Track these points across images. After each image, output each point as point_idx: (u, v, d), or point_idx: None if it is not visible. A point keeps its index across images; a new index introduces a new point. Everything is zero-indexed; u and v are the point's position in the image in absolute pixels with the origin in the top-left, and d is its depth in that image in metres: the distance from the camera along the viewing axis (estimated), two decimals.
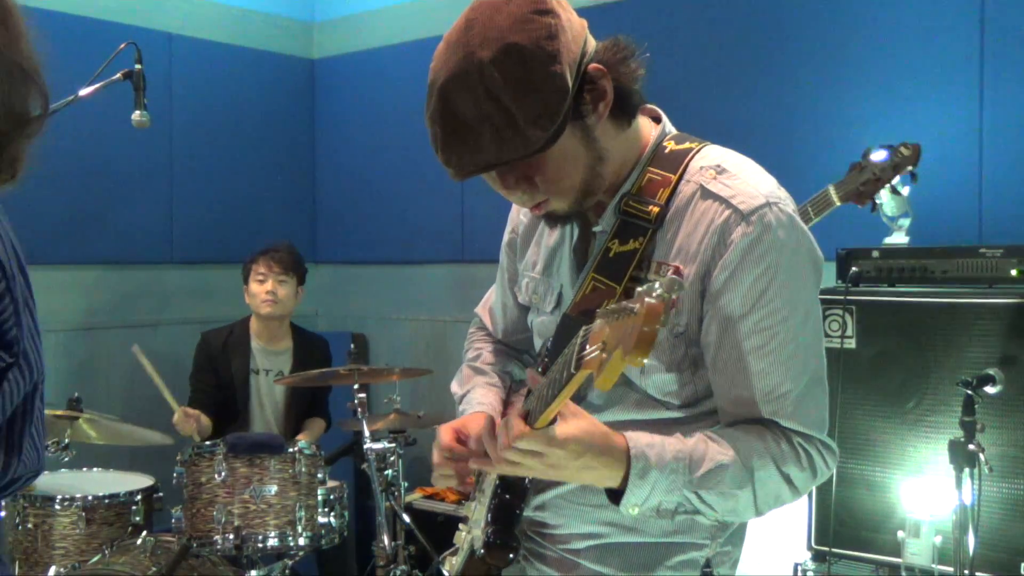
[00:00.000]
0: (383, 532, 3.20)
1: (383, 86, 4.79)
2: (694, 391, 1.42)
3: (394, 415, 3.56)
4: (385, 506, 3.26)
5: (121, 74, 3.05)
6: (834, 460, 1.41)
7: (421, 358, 4.61)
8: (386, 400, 3.65)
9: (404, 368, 3.54)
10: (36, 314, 1.11)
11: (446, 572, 1.59)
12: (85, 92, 2.95)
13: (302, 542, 3.05)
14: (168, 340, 4.44)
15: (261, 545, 3.00)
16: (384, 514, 3.24)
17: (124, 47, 3.03)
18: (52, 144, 1.09)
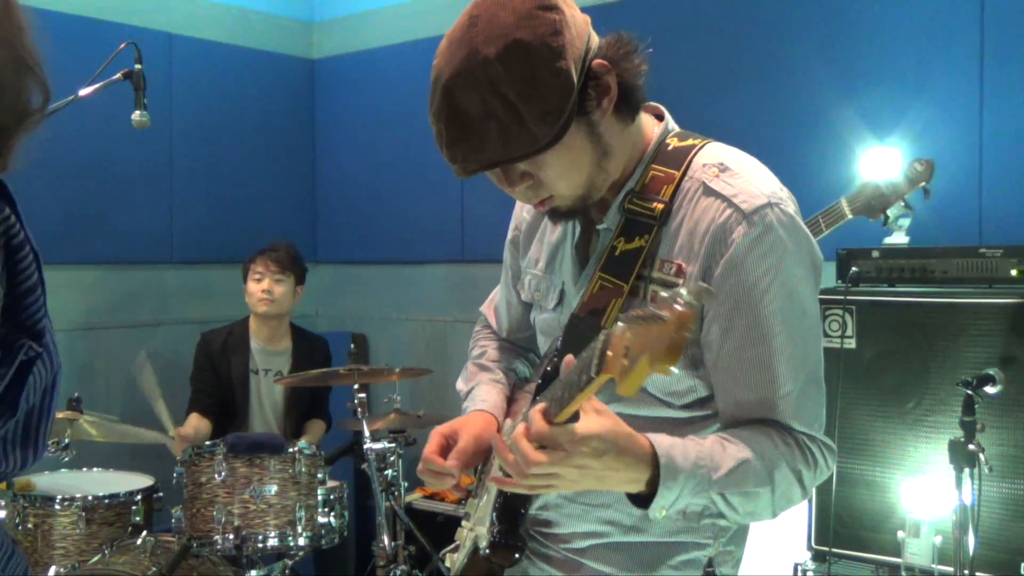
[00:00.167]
0: (383, 532, 3.20)
1: (383, 86, 4.79)
2: (695, 391, 1.41)
3: (394, 415, 3.56)
4: (385, 506, 3.25)
5: (121, 74, 3.05)
6: (834, 459, 1.42)
7: (421, 358, 4.61)
8: (386, 400, 3.65)
9: (404, 368, 3.54)
10: None
11: (448, 566, 1.59)
12: (85, 92, 2.94)
13: (302, 542, 3.05)
14: (168, 340, 4.44)
15: (261, 545, 3.00)
16: (384, 514, 3.23)
17: (124, 47, 3.02)
18: (52, 144, 1.09)
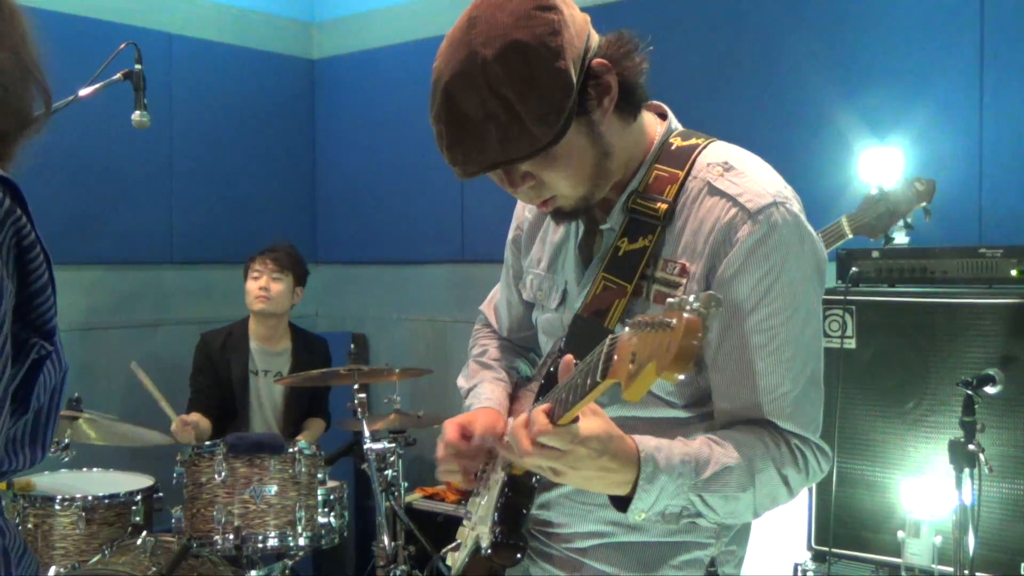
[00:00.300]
0: (383, 532, 3.20)
1: (383, 86, 4.79)
2: (697, 390, 1.41)
3: (394, 415, 3.56)
4: (385, 506, 3.26)
5: (121, 74, 3.04)
6: (827, 462, 1.41)
7: (421, 358, 4.61)
8: (386, 400, 3.65)
9: (404, 368, 3.54)
10: None
11: (449, 565, 1.59)
12: (85, 92, 2.94)
13: (302, 542, 3.05)
14: (168, 340, 4.44)
15: (261, 545, 3.00)
16: (384, 514, 3.24)
17: (124, 47, 3.02)
18: (52, 144, 1.09)
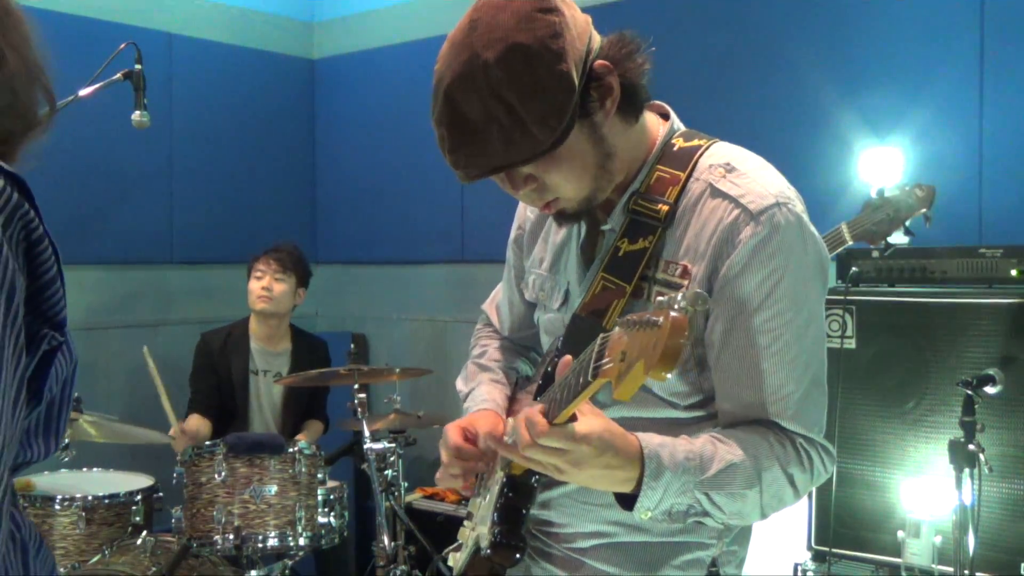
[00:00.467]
0: (383, 532, 3.20)
1: (383, 86, 4.79)
2: (699, 391, 1.41)
3: (394, 415, 3.56)
4: (385, 506, 3.26)
5: (121, 74, 3.05)
6: (832, 463, 1.41)
7: (421, 358, 4.61)
8: (386, 400, 3.65)
9: (404, 368, 3.54)
10: None
11: (451, 565, 1.59)
12: (85, 92, 2.94)
13: (302, 542, 3.05)
14: (168, 341, 4.44)
15: (261, 545, 3.00)
16: (384, 514, 3.24)
17: (124, 47, 3.02)
18: (52, 144, 1.10)
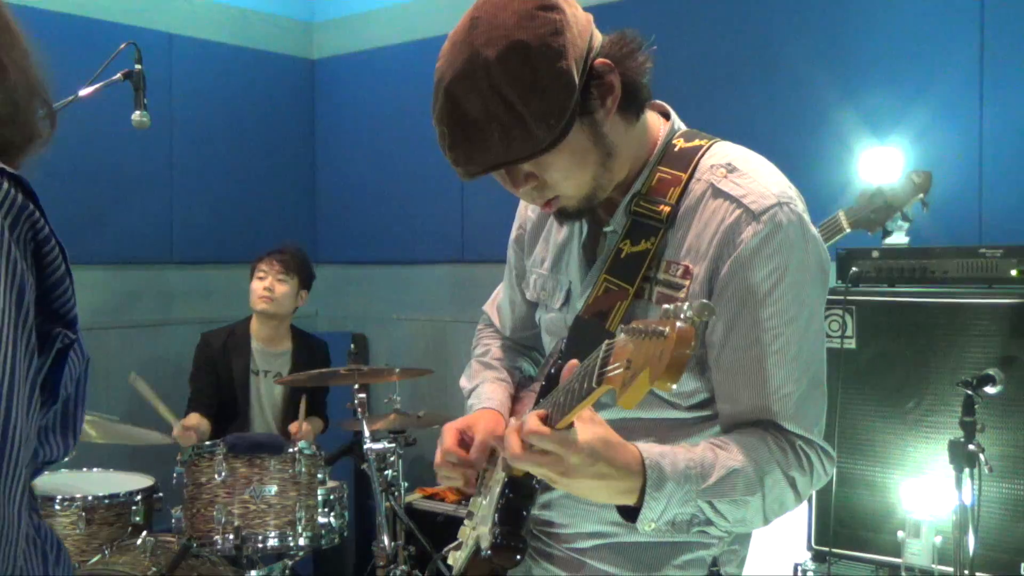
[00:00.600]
0: (383, 532, 3.20)
1: (383, 86, 4.79)
2: (701, 392, 1.41)
3: (394, 415, 3.56)
4: (385, 506, 3.26)
5: (121, 74, 3.05)
6: (831, 465, 1.40)
7: (421, 358, 4.61)
8: (386, 400, 3.65)
9: (404, 368, 3.54)
10: None
11: (450, 564, 1.59)
12: (85, 92, 2.94)
13: (302, 542, 3.05)
14: (169, 341, 4.44)
15: (261, 545, 3.00)
16: (384, 514, 3.24)
17: (124, 47, 3.02)
18: (52, 144, 1.11)
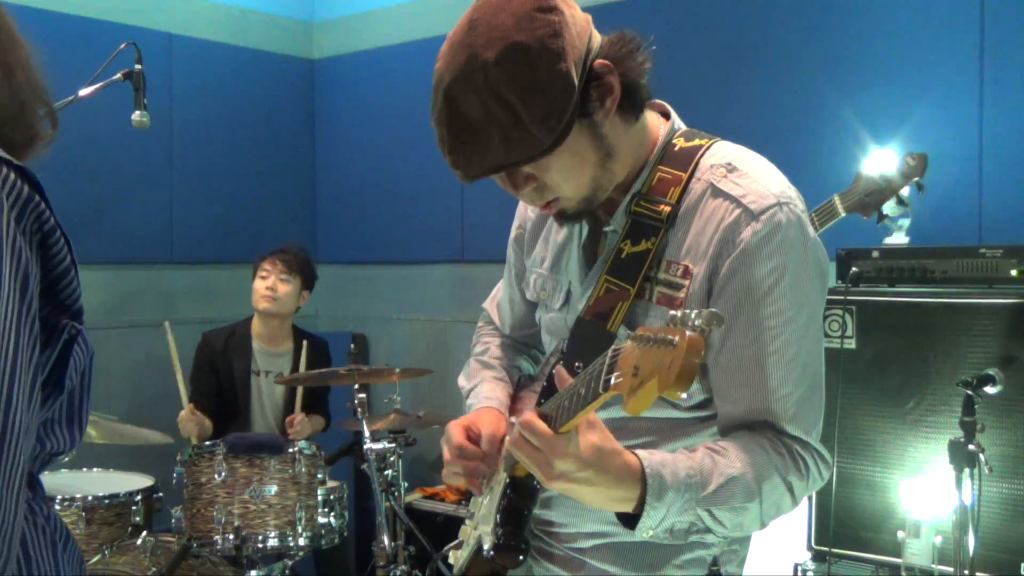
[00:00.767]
0: (383, 532, 3.20)
1: (383, 86, 4.79)
2: (701, 392, 1.41)
3: (394, 415, 3.56)
4: (385, 506, 3.26)
5: (121, 74, 3.04)
6: (828, 469, 1.40)
7: (421, 358, 4.61)
8: (386, 400, 3.65)
9: (404, 368, 3.54)
10: None
11: (452, 563, 1.59)
12: (85, 92, 2.94)
13: (302, 542, 3.05)
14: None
15: (261, 545, 3.00)
16: (384, 514, 3.24)
17: (124, 47, 3.02)
18: (53, 144, 1.12)
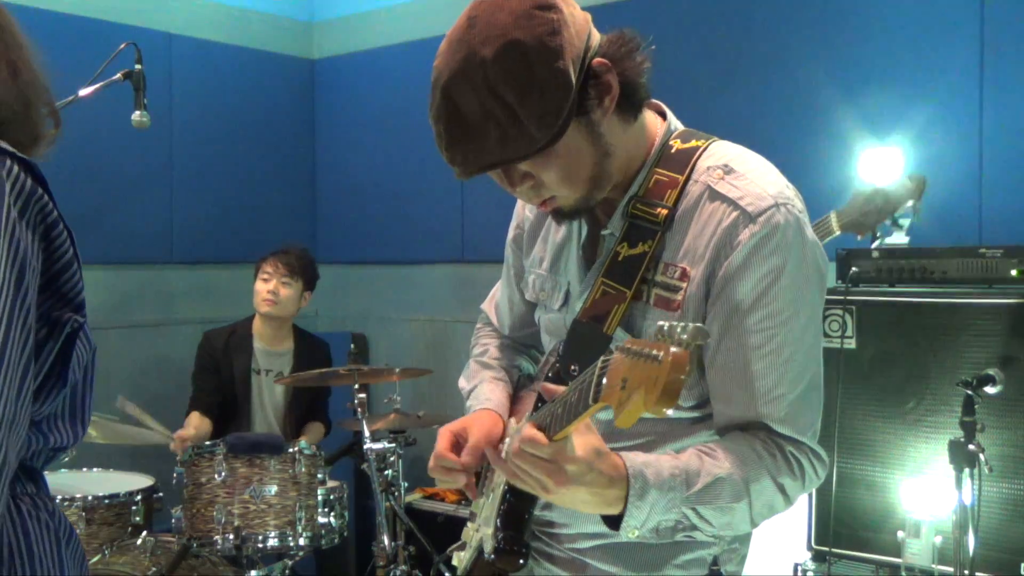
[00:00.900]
0: (383, 532, 3.20)
1: (383, 86, 4.79)
2: (700, 394, 1.41)
3: (394, 415, 3.56)
4: (385, 506, 3.26)
5: (121, 74, 3.04)
6: (824, 469, 1.40)
7: (421, 358, 4.61)
8: (386, 400, 3.65)
9: (404, 368, 3.54)
10: None
11: (455, 565, 1.59)
12: (85, 92, 2.94)
13: (302, 542, 3.05)
14: (168, 341, 4.44)
15: (261, 545, 3.00)
16: (384, 514, 3.24)
17: (124, 47, 3.02)
18: (55, 143, 1.12)
